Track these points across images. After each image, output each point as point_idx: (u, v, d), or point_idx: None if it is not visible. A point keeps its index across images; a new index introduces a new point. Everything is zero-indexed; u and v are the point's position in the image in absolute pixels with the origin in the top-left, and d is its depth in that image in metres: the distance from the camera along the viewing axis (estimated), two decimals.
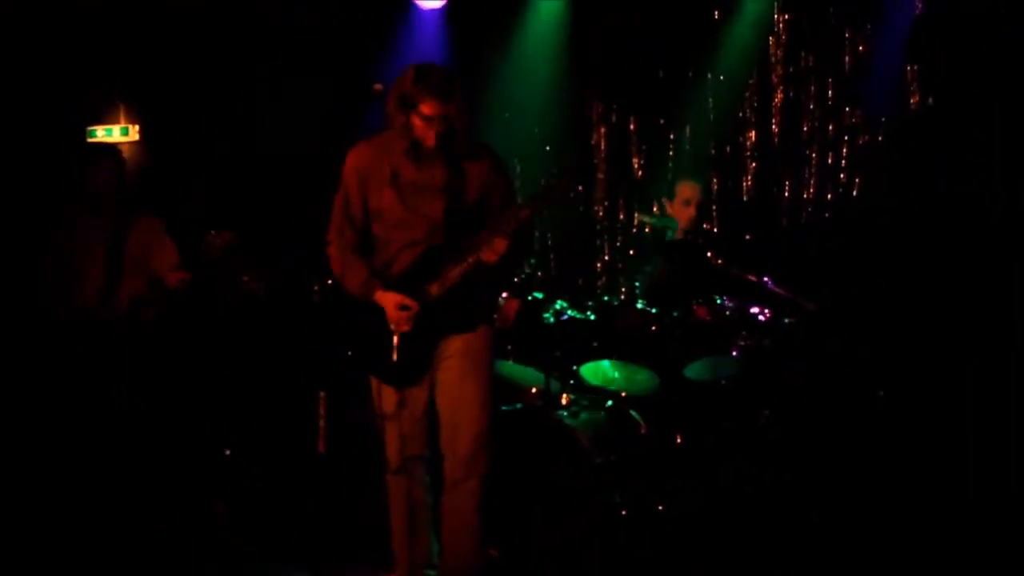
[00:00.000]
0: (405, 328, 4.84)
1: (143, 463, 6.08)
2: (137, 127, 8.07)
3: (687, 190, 6.92)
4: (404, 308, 4.82)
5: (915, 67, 6.97)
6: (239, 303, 6.76)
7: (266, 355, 7.22)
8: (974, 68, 6.03)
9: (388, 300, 4.85)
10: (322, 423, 4.56)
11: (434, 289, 4.84)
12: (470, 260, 4.80)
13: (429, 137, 4.81)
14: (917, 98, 7.07)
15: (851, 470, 6.17)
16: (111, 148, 6.53)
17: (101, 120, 8.07)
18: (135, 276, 6.09)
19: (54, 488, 5.86)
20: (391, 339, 4.85)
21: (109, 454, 5.93)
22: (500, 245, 4.77)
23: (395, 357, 4.86)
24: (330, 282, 5.16)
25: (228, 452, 6.73)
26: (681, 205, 6.89)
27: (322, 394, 4.57)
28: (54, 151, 7.22)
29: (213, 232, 5.88)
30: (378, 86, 4.97)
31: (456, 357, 4.91)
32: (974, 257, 6.23)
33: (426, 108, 4.75)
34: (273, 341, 7.26)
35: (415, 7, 8.12)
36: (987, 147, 6.12)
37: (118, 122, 8.08)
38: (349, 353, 4.91)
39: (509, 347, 6.19)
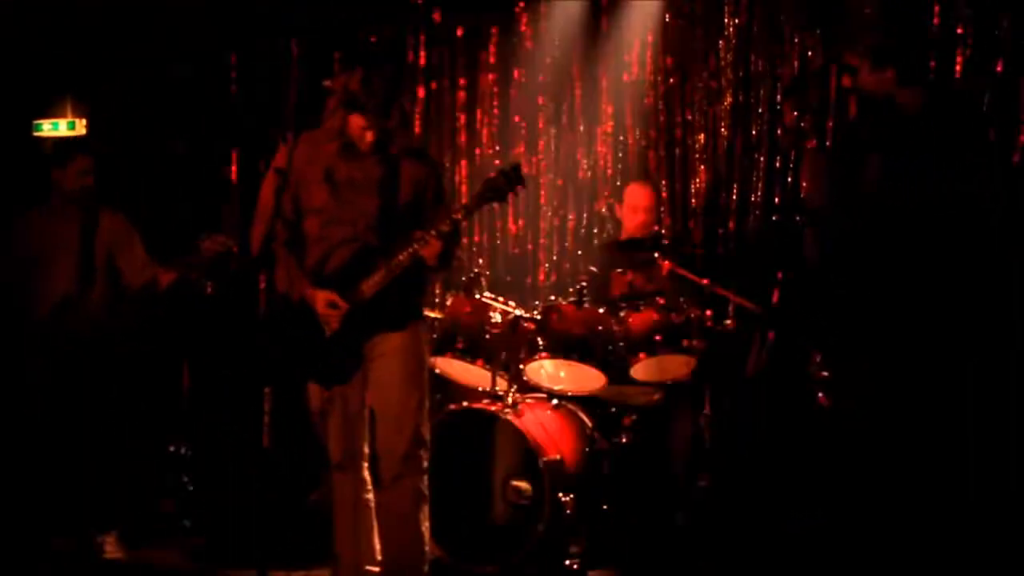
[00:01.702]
0: (334, 326, 4.82)
1: (89, 460, 6.03)
2: (84, 121, 8.01)
3: (637, 195, 6.92)
4: (333, 306, 4.81)
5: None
6: (187, 301, 6.73)
7: (214, 352, 7.20)
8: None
9: (317, 298, 4.83)
10: (266, 419, 4.54)
11: (366, 287, 4.83)
12: (402, 259, 4.79)
13: (366, 139, 4.81)
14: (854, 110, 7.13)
15: (802, 474, 6.19)
16: (83, 146, 6.47)
17: (47, 114, 8.01)
18: (104, 274, 6.03)
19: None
20: (321, 337, 4.84)
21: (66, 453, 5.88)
22: (435, 245, 4.78)
23: (323, 356, 4.85)
24: (277, 282, 5.12)
25: (173, 449, 6.71)
26: (630, 210, 6.89)
27: (267, 390, 4.54)
28: None
29: (207, 236, 5.84)
30: (327, 83, 4.96)
31: (388, 355, 4.91)
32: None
33: (363, 119, 4.78)
34: (220, 337, 7.24)
35: None
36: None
37: (65, 116, 8.01)
38: (281, 351, 4.88)
39: (458, 345, 6.19)
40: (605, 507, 6.02)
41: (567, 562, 5.78)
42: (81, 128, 7.97)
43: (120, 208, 6.23)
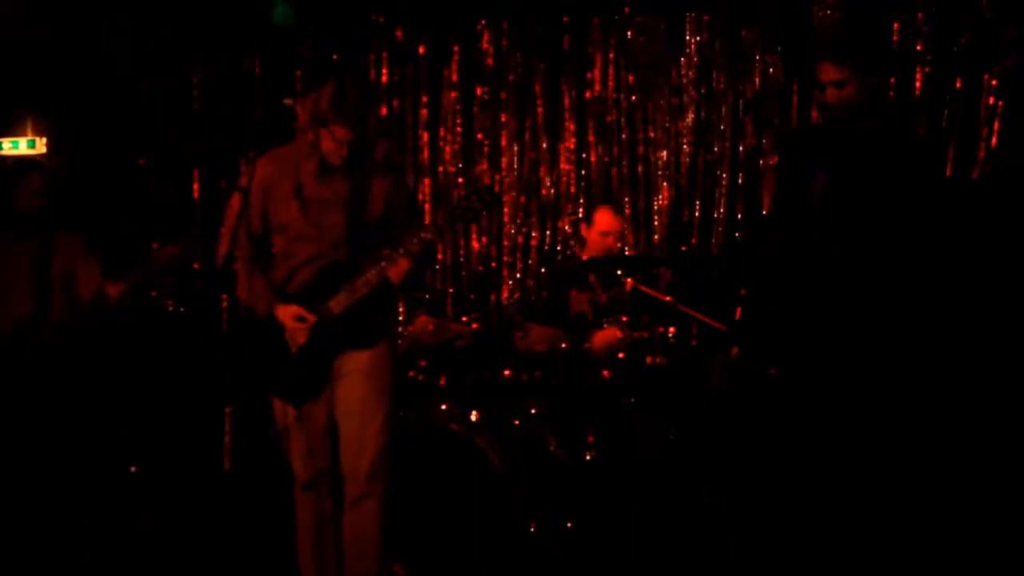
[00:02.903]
0: (301, 340, 4.80)
1: (54, 478, 5.98)
2: (44, 139, 7.96)
3: (606, 221, 6.89)
4: (300, 320, 4.79)
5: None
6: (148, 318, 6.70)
7: (174, 370, 7.16)
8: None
9: (285, 313, 4.81)
10: (227, 439, 4.51)
11: (334, 304, 4.81)
12: (370, 278, 4.77)
13: (337, 155, 4.80)
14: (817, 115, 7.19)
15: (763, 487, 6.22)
16: (38, 164, 6.42)
17: (7, 132, 7.96)
18: (61, 295, 5.97)
19: None
20: (288, 354, 4.82)
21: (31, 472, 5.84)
22: (403, 265, 4.77)
23: (290, 373, 4.83)
24: (240, 298, 5.10)
25: (134, 469, 6.67)
26: (598, 234, 6.88)
27: (228, 410, 4.52)
28: None
29: (158, 245, 5.80)
30: (288, 100, 4.94)
31: (355, 374, 4.88)
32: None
33: (338, 131, 4.75)
34: (181, 356, 7.21)
35: None
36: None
37: (25, 134, 7.97)
38: (248, 368, 4.86)
39: (422, 363, 6.18)
40: (569, 525, 6.01)
41: None
42: (42, 147, 7.92)
43: (78, 228, 6.18)
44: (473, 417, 6.04)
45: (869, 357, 5.13)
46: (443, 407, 6.31)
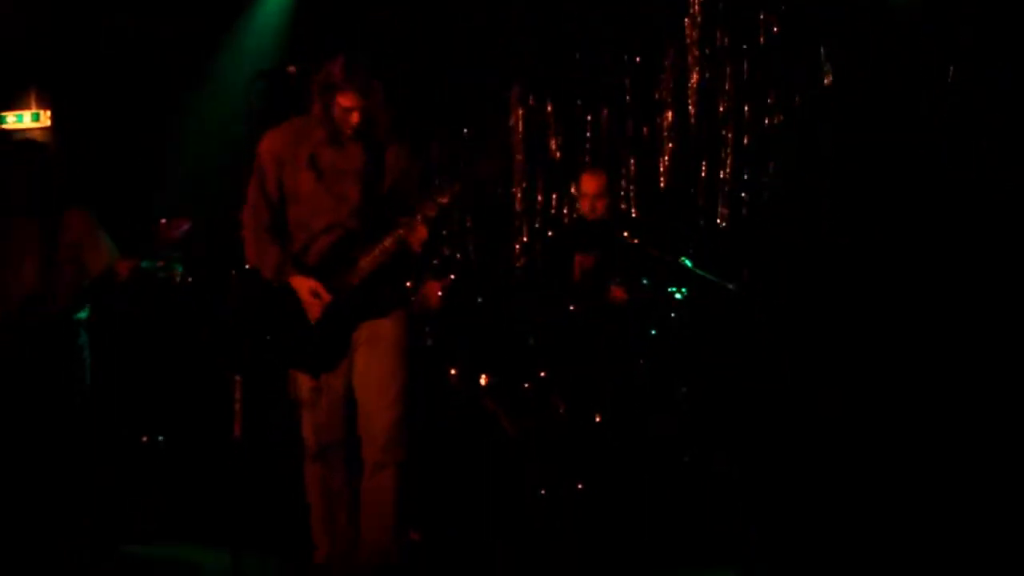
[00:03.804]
0: (316, 314, 4.81)
1: (66, 448, 6.00)
2: (48, 113, 7.95)
3: (589, 184, 6.86)
4: (315, 295, 4.80)
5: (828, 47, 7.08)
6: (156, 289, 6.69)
7: (184, 340, 7.17)
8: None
9: (302, 285, 4.82)
10: (238, 407, 4.53)
11: (351, 276, 4.82)
12: (388, 245, 4.78)
13: (348, 124, 4.81)
14: (830, 78, 7.17)
15: (770, 450, 6.25)
16: (37, 145, 6.40)
17: (11, 106, 7.95)
18: (69, 272, 5.97)
19: None
20: (305, 325, 4.82)
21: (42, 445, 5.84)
22: (421, 231, 4.77)
23: (310, 343, 4.83)
24: (247, 267, 5.10)
25: (146, 439, 6.68)
26: (584, 198, 6.85)
27: (237, 378, 4.53)
28: None
29: (165, 220, 5.78)
30: (291, 68, 4.94)
31: (372, 344, 4.89)
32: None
33: (347, 99, 4.76)
34: (192, 326, 7.21)
35: None
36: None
37: (29, 108, 7.96)
38: (265, 339, 4.87)
39: (427, 329, 6.19)
40: (579, 487, 6.02)
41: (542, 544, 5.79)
42: (46, 120, 7.92)
43: (86, 205, 6.18)
44: (482, 381, 6.05)
45: (871, 353, 5.24)
46: (452, 372, 6.32)
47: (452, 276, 6.21)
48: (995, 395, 6.16)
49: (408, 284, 5.98)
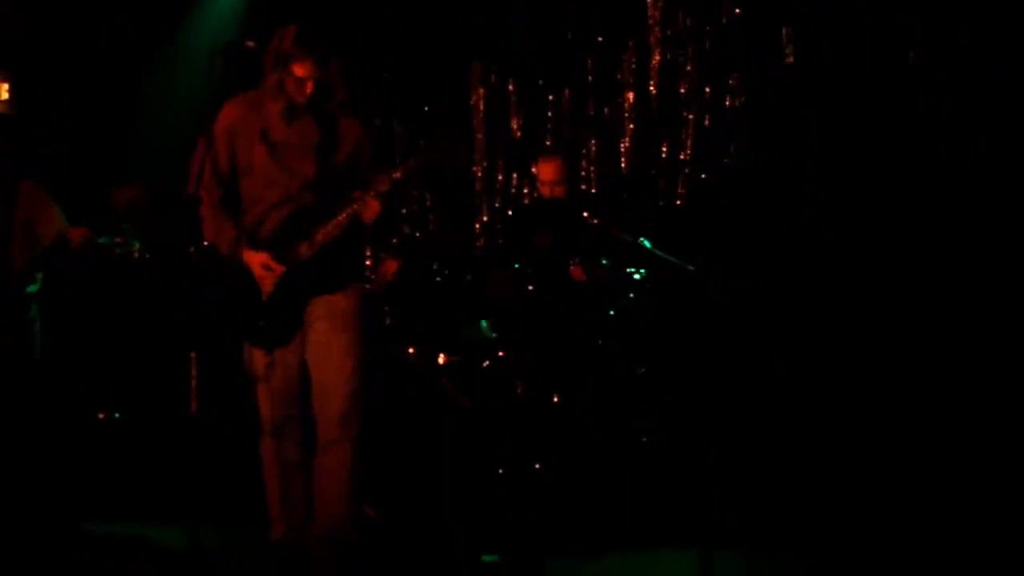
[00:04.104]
0: (269, 288, 4.80)
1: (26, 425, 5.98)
2: (7, 85, 7.88)
3: (546, 171, 6.85)
4: (268, 268, 4.79)
5: (790, 28, 7.11)
6: (114, 263, 6.66)
7: (141, 316, 7.14)
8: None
9: (254, 259, 4.80)
10: (193, 383, 4.53)
11: (304, 249, 4.80)
12: (341, 220, 4.76)
13: (301, 95, 4.78)
14: (791, 58, 7.21)
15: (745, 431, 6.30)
16: None
17: None
18: (22, 242, 5.95)
19: None
20: (259, 299, 4.81)
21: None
22: (373, 206, 4.76)
23: (263, 318, 4.82)
24: (205, 243, 5.09)
25: (103, 416, 6.66)
26: (546, 186, 6.85)
27: (192, 355, 4.53)
28: None
29: (118, 187, 5.74)
30: (250, 43, 4.91)
31: (327, 318, 4.87)
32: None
33: (301, 68, 4.73)
34: (148, 302, 7.18)
35: None
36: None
37: None
38: (220, 314, 4.85)
39: (386, 308, 6.19)
40: (536, 467, 6.05)
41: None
42: (3, 93, 7.84)
43: (38, 178, 6.16)
44: (440, 360, 6.06)
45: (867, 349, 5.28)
46: (411, 350, 6.33)
47: (399, 260, 6.21)
48: (984, 389, 6.21)
49: (367, 261, 5.99)
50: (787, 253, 7.01)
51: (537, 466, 6.01)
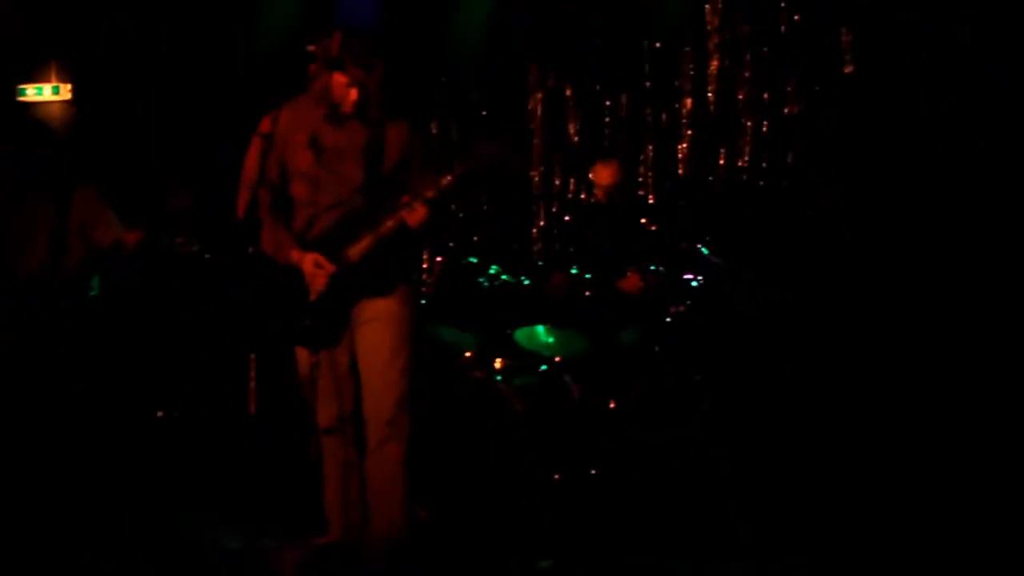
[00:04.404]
0: (319, 287, 4.82)
1: (77, 427, 6.02)
2: (69, 86, 7.97)
3: (603, 175, 6.86)
4: (319, 267, 4.81)
5: (850, 35, 7.07)
6: (172, 264, 6.71)
7: (199, 317, 7.19)
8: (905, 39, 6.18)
9: (305, 259, 4.83)
10: (252, 384, 4.54)
11: (352, 253, 4.82)
12: (388, 225, 4.78)
13: (348, 101, 4.81)
14: (851, 67, 7.16)
15: (777, 440, 6.26)
16: (46, 132, 6.40)
17: (32, 78, 7.96)
18: (78, 249, 6.00)
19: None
20: (306, 301, 4.84)
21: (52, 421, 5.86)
22: (420, 212, 4.77)
23: (310, 319, 4.84)
24: (264, 246, 5.11)
25: (161, 414, 6.71)
26: (602, 190, 6.85)
27: (252, 356, 4.55)
28: None
29: (171, 193, 5.78)
30: (312, 47, 4.94)
31: (375, 321, 4.90)
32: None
33: (346, 75, 4.76)
34: (206, 303, 7.23)
35: None
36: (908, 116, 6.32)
37: (49, 80, 7.97)
38: (267, 315, 4.88)
39: (444, 311, 6.21)
40: (593, 472, 6.04)
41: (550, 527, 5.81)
42: (66, 93, 7.93)
43: (96, 178, 6.20)
44: (497, 364, 6.06)
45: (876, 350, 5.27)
46: (467, 354, 6.33)
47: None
48: (995, 395, 6.17)
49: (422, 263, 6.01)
50: (811, 261, 6.98)
51: (593, 472, 6.01)
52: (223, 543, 5.42)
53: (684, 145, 7.70)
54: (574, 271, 6.33)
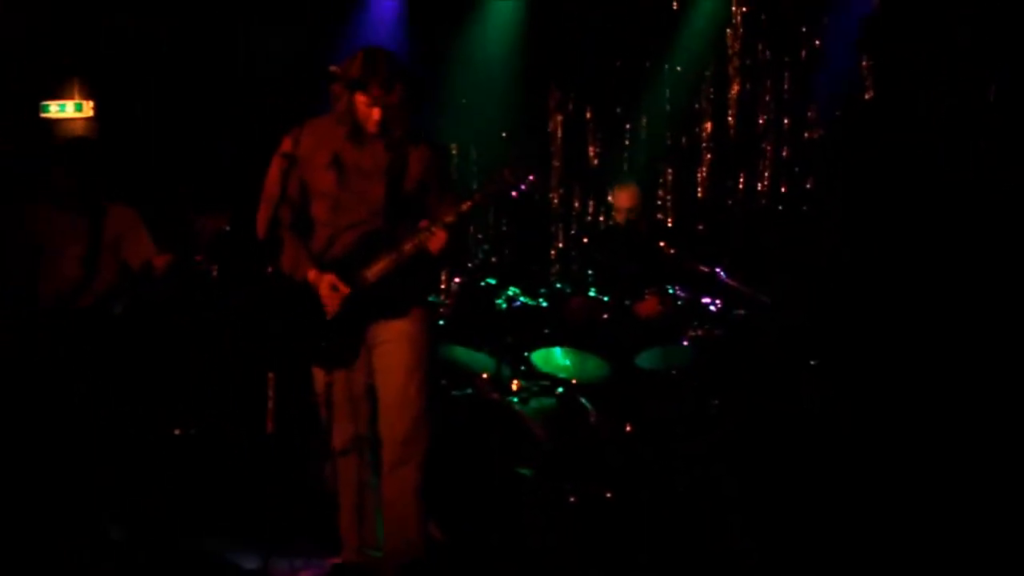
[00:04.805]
0: (334, 309, 4.83)
1: (100, 444, 6.03)
2: (92, 103, 7.99)
3: (621, 198, 6.87)
4: (335, 289, 4.82)
5: (868, 62, 7.07)
6: (190, 284, 6.72)
7: (217, 336, 7.20)
8: (921, 65, 6.18)
9: (322, 280, 4.84)
10: (271, 404, 4.55)
11: (370, 273, 4.83)
12: (407, 249, 4.79)
13: (371, 122, 4.82)
14: (871, 93, 7.15)
15: (796, 463, 6.24)
16: (86, 142, 6.42)
17: (54, 95, 8.00)
18: (109, 266, 6.01)
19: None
20: (322, 321, 4.85)
21: (73, 439, 5.87)
22: (440, 237, 4.77)
23: (325, 339, 4.85)
24: (284, 265, 5.12)
25: (178, 432, 6.71)
26: (621, 213, 6.86)
27: (271, 375, 4.55)
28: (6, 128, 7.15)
29: (205, 216, 5.78)
30: (334, 68, 4.96)
31: (391, 342, 4.90)
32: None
33: (369, 93, 4.77)
34: (224, 322, 7.24)
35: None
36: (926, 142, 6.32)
37: (72, 97, 8.00)
38: (285, 335, 4.89)
39: (460, 332, 6.20)
40: (608, 495, 6.02)
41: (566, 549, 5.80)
42: (88, 110, 7.96)
43: (129, 199, 6.22)
44: (514, 386, 6.06)
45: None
46: (483, 375, 6.33)
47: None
48: (1001, 399, 6.15)
49: (440, 285, 6.01)
50: (829, 285, 6.97)
51: (608, 496, 5.99)
52: (240, 563, 5.42)
53: (703, 169, 7.70)
54: (592, 294, 6.32)
